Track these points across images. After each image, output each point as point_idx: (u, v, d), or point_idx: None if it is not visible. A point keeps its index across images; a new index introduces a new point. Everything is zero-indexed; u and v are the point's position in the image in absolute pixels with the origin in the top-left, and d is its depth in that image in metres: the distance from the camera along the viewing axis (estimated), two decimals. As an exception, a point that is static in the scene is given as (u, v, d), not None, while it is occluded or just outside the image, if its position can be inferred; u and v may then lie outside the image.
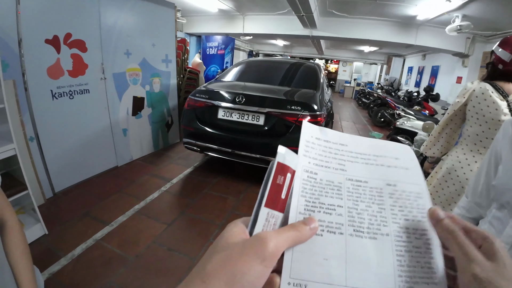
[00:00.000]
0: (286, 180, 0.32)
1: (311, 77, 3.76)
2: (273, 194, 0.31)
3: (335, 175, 0.36)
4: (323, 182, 0.36)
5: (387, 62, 14.99)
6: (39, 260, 2.02)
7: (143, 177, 3.48)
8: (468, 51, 6.62)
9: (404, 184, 0.37)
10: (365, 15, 6.62)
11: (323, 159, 0.37)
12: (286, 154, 0.33)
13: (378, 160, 0.38)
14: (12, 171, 2.22)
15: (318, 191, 0.35)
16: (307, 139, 0.38)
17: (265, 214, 0.30)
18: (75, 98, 2.98)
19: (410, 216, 0.34)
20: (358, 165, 0.38)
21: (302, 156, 0.36)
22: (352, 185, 0.36)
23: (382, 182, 0.37)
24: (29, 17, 2.42)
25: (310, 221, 0.32)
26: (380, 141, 0.40)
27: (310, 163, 0.36)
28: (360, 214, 0.34)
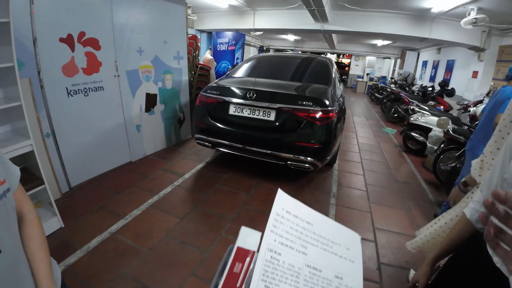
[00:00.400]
0: (244, 266, 0.31)
1: (323, 72, 3.73)
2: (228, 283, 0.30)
3: (297, 258, 0.36)
4: (285, 266, 0.35)
5: (400, 56, 14.69)
6: (56, 252, 2.09)
7: (156, 172, 3.54)
8: (484, 44, 6.43)
9: (349, 279, 0.38)
10: (378, 8, 6.49)
11: (289, 238, 0.37)
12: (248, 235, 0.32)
13: (334, 248, 0.40)
14: (29, 166, 2.29)
15: (278, 277, 0.34)
16: (277, 211, 0.37)
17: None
18: (89, 95, 3.05)
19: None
20: (317, 250, 0.38)
21: (270, 232, 0.36)
22: (309, 272, 0.37)
23: (332, 274, 0.38)
24: (43, 16, 2.48)
25: None
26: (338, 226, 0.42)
27: (276, 241, 0.36)
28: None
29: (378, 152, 5.21)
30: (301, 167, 3.07)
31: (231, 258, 0.30)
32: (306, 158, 2.98)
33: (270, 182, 3.47)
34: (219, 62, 9.03)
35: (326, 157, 3.15)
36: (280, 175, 3.66)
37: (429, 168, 4.29)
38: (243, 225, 0.33)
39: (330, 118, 2.97)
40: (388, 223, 2.86)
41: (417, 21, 6.59)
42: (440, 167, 3.81)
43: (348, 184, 3.68)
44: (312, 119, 2.93)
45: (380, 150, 5.32)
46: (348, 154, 4.89)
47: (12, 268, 0.68)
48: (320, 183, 3.61)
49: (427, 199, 3.47)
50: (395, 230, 2.74)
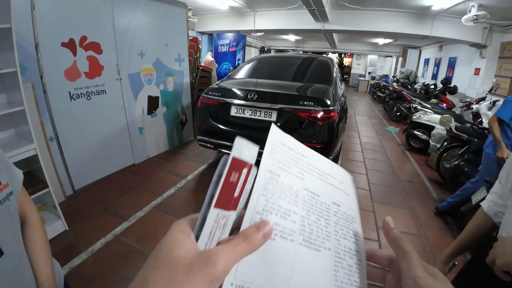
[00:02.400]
0: (241, 176, 0.29)
1: (324, 72, 3.73)
2: (225, 193, 0.28)
3: (295, 181, 0.36)
4: (284, 185, 0.35)
5: (402, 54, 14.64)
6: (61, 254, 2.11)
7: (159, 174, 3.56)
8: (485, 41, 6.40)
9: (345, 207, 0.40)
10: (378, 7, 6.48)
11: (286, 164, 0.36)
12: (243, 147, 0.30)
13: (329, 179, 0.40)
14: (33, 170, 2.32)
15: (278, 193, 0.34)
16: (273, 142, 0.37)
17: (214, 216, 0.28)
18: (92, 99, 3.07)
19: (347, 236, 0.38)
20: (314, 178, 0.39)
21: (267, 157, 0.35)
22: (307, 195, 0.37)
23: (330, 200, 0.39)
24: (44, 21, 2.50)
25: (264, 225, 0.30)
26: (330, 162, 0.43)
27: (274, 165, 0.35)
28: (311, 225, 0.35)
29: (381, 151, 5.20)
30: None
31: (226, 168, 0.28)
32: (308, 158, 2.97)
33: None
34: (220, 63, 9.05)
35: (328, 157, 3.15)
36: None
37: (433, 166, 4.28)
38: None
39: (332, 117, 2.97)
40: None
41: (418, 19, 6.57)
42: (444, 165, 3.80)
43: (351, 183, 3.67)
44: (314, 119, 2.93)
45: (383, 149, 5.30)
46: (351, 154, 4.88)
47: (14, 270, 0.69)
48: (323, 182, 3.60)
49: (430, 197, 3.46)
50: (399, 229, 2.72)
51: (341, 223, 0.38)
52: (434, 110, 5.24)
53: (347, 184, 0.42)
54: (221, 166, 0.28)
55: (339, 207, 0.39)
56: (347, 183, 0.42)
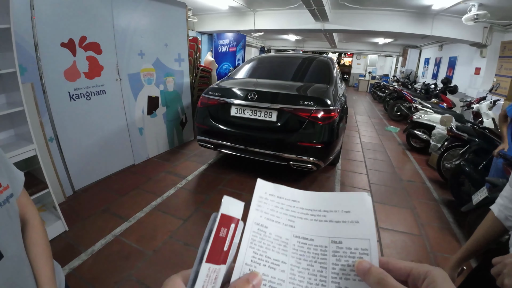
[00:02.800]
0: (229, 231, 0.32)
1: (324, 72, 3.72)
2: (215, 248, 0.30)
3: (284, 230, 0.37)
4: (272, 236, 0.36)
5: (402, 54, 14.63)
6: (60, 255, 2.10)
7: (159, 174, 3.55)
8: (485, 41, 6.39)
9: (351, 240, 0.36)
10: (378, 6, 6.48)
11: (274, 214, 0.38)
12: (230, 204, 0.32)
13: (328, 215, 0.38)
14: (33, 170, 2.31)
15: (266, 245, 0.35)
16: (260, 195, 0.39)
17: (206, 270, 0.30)
18: (92, 99, 3.07)
19: (351, 275, 0.34)
20: (307, 222, 0.38)
21: (254, 210, 0.37)
22: (298, 242, 0.36)
23: (327, 240, 0.37)
24: (44, 21, 2.50)
25: (253, 277, 0.32)
26: (333, 195, 0.39)
27: (262, 217, 0.37)
28: (301, 272, 0.35)
29: (382, 150, 5.19)
30: (303, 167, 3.06)
31: (216, 224, 0.30)
32: (309, 158, 2.98)
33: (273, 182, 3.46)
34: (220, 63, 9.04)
35: (329, 157, 3.14)
36: (282, 175, 3.66)
37: (433, 166, 4.27)
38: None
39: (332, 117, 2.96)
40: (392, 222, 2.84)
41: (418, 18, 6.57)
42: (444, 165, 3.79)
43: (351, 183, 3.67)
44: (314, 119, 2.92)
45: (383, 149, 5.29)
46: (351, 153, 4.88)
47: (15, 273, 0.69)
48: (323, 183, 3.60)
49: (431, 197, 3.45)
50: (400, 230, 2.72)
51: (342, 262, 0.35)
52: (434, 109, 5.23)
53: (357, 211, 0.38)
54: (211, 223, 0.31)
55: (340, 244, 0.36)
56: (357, 210, 0.38)
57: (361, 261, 0.34)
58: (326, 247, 0.36)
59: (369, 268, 0.32)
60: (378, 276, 0.32)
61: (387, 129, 7.03)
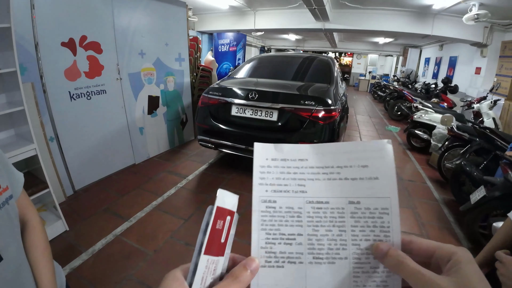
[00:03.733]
0: (225, 223, 0.32)
1: (325, 71, 3.72)
2: (213, 240, 0.30)
3: (295, 199, 0.35)
4: (283, 210, 0.34)
5: (403, 53, 14.63)
6: (61, 255, 2.10)
7: (160, 174, 3.55)
8: (486, 40, 6.38)
9: (369, 200, 0.34)
10: (379, 6, 6.47)
11: (282, 183, 0.35)
12: (225, 196, 0.32)
13: (342, 172, 0.35)
14: (33, 170, 2.31)
15: (278, 222, 0.34)
16: (261, 164, 0.36)
17: (204, 262, 0.30)
18: (92, 99, 3.06)
19: (371, 236, 0.33)
20: (319, 183, 0.35)
21: (258, 185, 0.35)
22: (312, 208, 0.34)
23: (344, 201, 0.34)
24: (44, 21, 2.49)
25: (251, 263, 0.32)
26: (347, 145, 0.35)
27: (268, 191, 0.35)
28: (320, 240, 0.34)
29: (382, 150, 5.17)
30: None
31: (212, 217, 0.30)
32: (309, 157, 2.96)
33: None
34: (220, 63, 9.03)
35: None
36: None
37: (434, 165, 4.26)
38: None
39: (333, 117, 2.96)
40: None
41: (418, 18, 6.56)
42: (445, 165, 3.78)
43: (352, 183, 3.66)
44: (315, 118, 2.92)
45: (383, 148, 5.27)
46: (352, 153, 4.86)
47: (15, 275, 0.68)
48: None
49: (432, 197, 3.44)
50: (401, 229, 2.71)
51: (361, 224, 0.34)
52: (435, 109, 5.22)
53: (376, 165, 0.34)
54: (207, 216, 0.31)
55: (358, 205, 0.34)
56: (376, 164, 0.34)
57: (378, 243, 0.33)
58: (343, 208, 0.34)
59: (387, 251, 0.32)
60: (396, 259, 0.31)
61: (387, 128, 7.03)
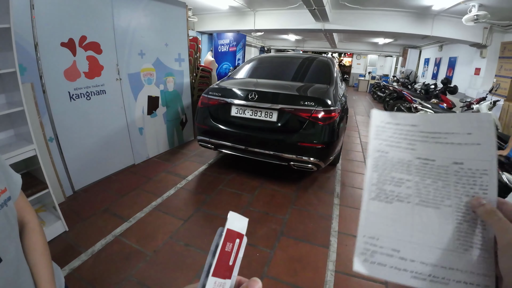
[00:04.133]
0: (234, 246, 0.33)
1: (324, 72, 3.72)
2: (221, 262, 0.31)
3: (405, 153, 0.40)
4: (394, 160, 0.39)
5: (402, 54, 14.63)
6: (60, 256, 2.10)
7: (159, 174, 3.55)
8: (485, 41, 6.39)
9: (472, 162, 0.38)
10: (378, 6, 6.47)
11: (394, 140, 0.40)
12: (235, 219, 0.33)
13: (449, 137, 0.39)
14: (33, 170, 2.31)
15: (389, 167, 0.39)
16: (377, 124, 0.41)
17: (212, 284, 0.30)
18: (92, 99, 3.06)
19: (471, 192, 0.37)
20: (428, 144, 0.40)
21: (373, 139, 0.40)
22: (420, 163, 0.39)
23: (449, 161, 0.39)
24: (44, 21, 2.49)
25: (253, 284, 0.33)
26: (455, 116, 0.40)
27: (381, 144, 0.40)
28: (426, 187, 0.38)
29: (381, 151, 5.17)
30: (304, 168, 3.06)
31: (222, 239, 0.31)
32: (309, 158, 2.97)
33: (273, 183, 3.46)
34: (220, 63, 9.03)
35: (329, 157, 3.14)
36: (283, 175, 3.65)
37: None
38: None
39: (333, 118, 2.96)
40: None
41: (418, 18, 6.56)
42: None
43: (351, 184, 3.66)
44: (315, 119, 2.92)
45: (383, 149, 5.28)
46: (352, 154, 4.87)
47: (13, 277, 0.68)
48: (323, 183, 3.59)
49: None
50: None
51: (463, 181, 0.38)
52: (434, 110, 5.23)
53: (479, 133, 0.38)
54: (217, 238, 0.32)
55: (461, 165, 0.38)
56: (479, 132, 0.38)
57: (477, 197, 0.36)
58: (448, 167, 0.38)
59: (484, 204, 0.36)
60: (490, 208, 0.35)
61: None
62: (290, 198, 3.13)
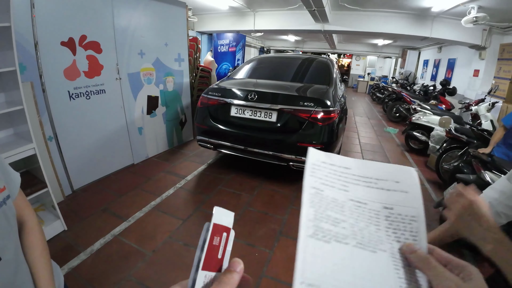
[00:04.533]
0: (222, 239, 0.33)
1: (324, 73, 3.73)
2: (210, 256, 0.32)
3: (339, 193, 0.39)
4: (329, 198, 0.38)
5: (401, 55, 14.66)
6: (59, 255, 2.10)
7: (158, 174, 3.55)
8: (484, 43, 6.42)
9: (401, 208, 0.39)
10: (378, 8, 6.49)
11: (328, 179, 0.40)
12: (222, 214, 0.34)
13: (379, 183, 0.40)
14: (32, 169, 2.30)
15: (324, 205, 0.38)
16: (313, 162, 0.41)
17: (202, 278, 0.31)
18: (91, 98, 3.06)
19: (402, 238, 0.37)
20: (360, 188, 0.40)
21: (309, 176, 0.39)
22: (353, 205, 0.39)
23: (379, 205, 0.39)
24: (44, 20, 2.49)
25: (236, 265, 0.33)
26: (383, 165, 0.42)
27: (317, 182, 0.39)
28: (361, 230, 0.37)
29: (381, 152, 5.20)
30: (303, 168, 3.04)
31: (209, 233, 0.32)
32: (308, 158, 2.97)
33: (273, 183, 3.47)
34: (220, 63, 9.04)
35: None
36: (282, 176, 3.66)
37: (432, 167, 4.27)
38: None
39: (332, 118, 2.96)
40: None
41: (417, 20, 6.59)
42: (443, 167, 3.80)
43: (350, 184, 3.66)
44: (314, 119, 2.93)
45: (382, 150, 5.30)
46: (350, 154, 4.88)
47: (13, 275, 0.68)
48: (322, 183, 3.59)
49: (430, 198, 3.46)
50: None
51: (394, 226, 0.38)
52: (433, 111, 5.24)
53: (406, 182, 0.40)
54: (204, 232, 0.32)
55: (391, 210, 0.39)
56: (406, 181, 0.40)
57: (409, 244, 0.36)
58: (379, 211, 0.38)
59: (416, 250, 0.36)
60: (423, 255, 0.35)
61: (386, 130, 7.04)
62: (289, 198, 3.13)
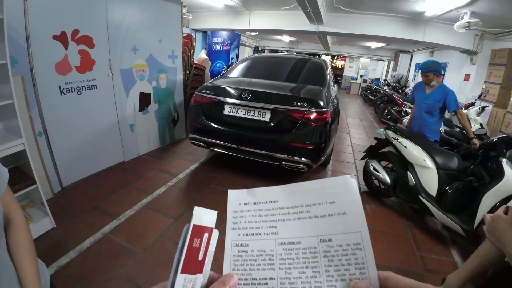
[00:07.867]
0: (203, 241, 0.32)
1: (318, 73, 3.74)
2: (189, 258, 0.31)
3: (267, 242, 0.36)
4: (255, 254, 0.35)
5: (394, 58, 14.83)
6: (48, 253, 2.07)
7: (150, 172, 3.52)
8: (476, 48, 6.54)
9: (340, 236, 0.34)
10: (372, 11, 6.56)
11: (254, 226, 0.36)
12: (202, 214, 0.33)
13: (311, 210, 0.35)
14: (21, 165, 2.26)
15: (249, 266, 0.35)
16: (234, 209, 0.38)
17: (182, 281, 0.30)
18: (83, 94, 3.01)
19: (347, 275, 0.32)
20: (290, 223, 0.36)
21: (231, 229, 0.37)
22: (284, 250, 0.35)
23: (315, 239, 0.34)
24: (36, 13, 2.44)
25: (229, 279, 0.33)
26: (314, 183, 0.36)
27: (240, 235, 0.36)
28: (293, 283, 0.33)
29: (372, 153, 5.24)
30: (295, 168, 3.07)
31: (188, 235, 0.31)
32: (301, 158, 2.99)
33: (265, 182, 3.47)
34: (214, 61, 9.00)
35: (320, 158, 3.16)
36: (274, 175, 3.66)
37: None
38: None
39: (325, 119, 2.98)
40: (380, 223, 2.88)
41: (410, 24, 6.67)
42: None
43: (342, 185, 3.69)
44: (307, 120, 2.94)
45: (373, 152, 5.34)
46: (342, 155, 4.92)
47: None
48: (314, 184, 3.61)
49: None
50: (388, 231, 2.76)
51: (335, 263, 0.33)
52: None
53: (342, 200, 0.34)
54: (183, 234, 0.31)
55: (330, 243, 0.34)
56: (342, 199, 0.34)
57: (356, 282, 0.31)
58: (315, 248, 0.34)
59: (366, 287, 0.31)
60: None
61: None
62: (281, 198, 3.13)
